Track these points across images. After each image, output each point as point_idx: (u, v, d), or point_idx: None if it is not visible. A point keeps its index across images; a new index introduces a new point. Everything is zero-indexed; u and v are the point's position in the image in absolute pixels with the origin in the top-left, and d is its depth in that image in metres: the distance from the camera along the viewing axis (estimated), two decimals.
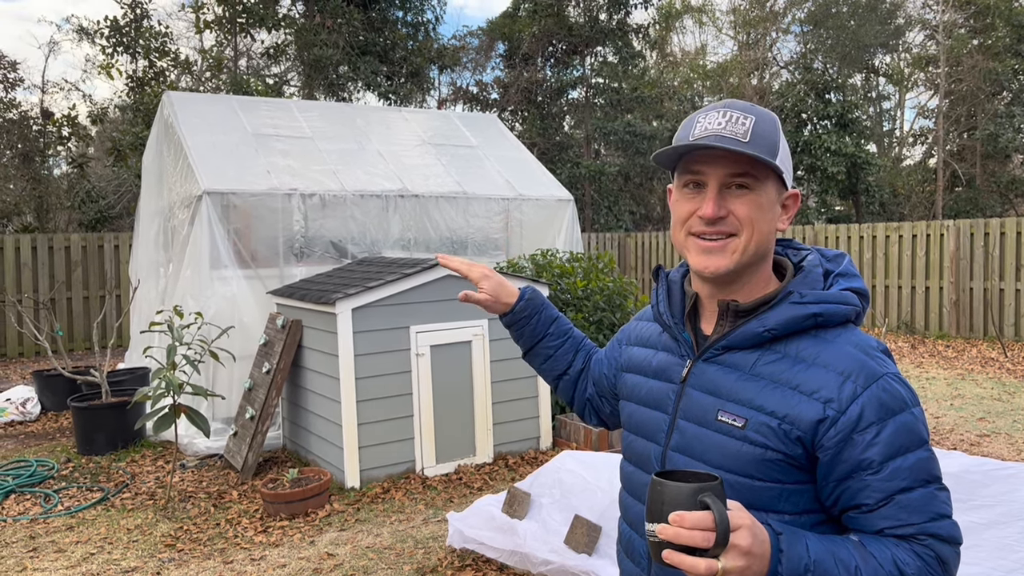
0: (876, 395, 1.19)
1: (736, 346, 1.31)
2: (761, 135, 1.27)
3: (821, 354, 1.25)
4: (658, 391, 1.42)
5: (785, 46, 35.19)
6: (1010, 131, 19.57)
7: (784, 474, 1.24)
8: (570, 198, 8.48)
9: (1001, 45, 20.27)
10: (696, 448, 1.32)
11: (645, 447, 1.44)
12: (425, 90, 18.01)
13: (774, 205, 1.31)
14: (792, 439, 1.22)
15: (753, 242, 1.29)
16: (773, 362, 1.27)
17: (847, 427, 1.19)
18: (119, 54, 14.91)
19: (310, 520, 4.89)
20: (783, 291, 1.30)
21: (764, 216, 1.29)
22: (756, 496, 1.25)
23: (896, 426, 1.19)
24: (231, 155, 7.06)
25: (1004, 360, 9.63)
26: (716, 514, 1.01)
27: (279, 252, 6.82)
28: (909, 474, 1.18)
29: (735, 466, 1.27)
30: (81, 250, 11.74)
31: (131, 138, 13.68)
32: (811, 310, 1.26)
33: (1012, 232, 10.78)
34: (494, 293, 1.77)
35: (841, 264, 1.37)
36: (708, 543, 1.01)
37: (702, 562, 1.02)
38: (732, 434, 1.27)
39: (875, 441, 1.18)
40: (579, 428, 6.07)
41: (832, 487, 1.22)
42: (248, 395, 6.05)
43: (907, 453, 1.19)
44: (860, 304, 1.31)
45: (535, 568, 3.62)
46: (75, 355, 11.21)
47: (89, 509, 5.20)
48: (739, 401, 1.28)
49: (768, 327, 1.28)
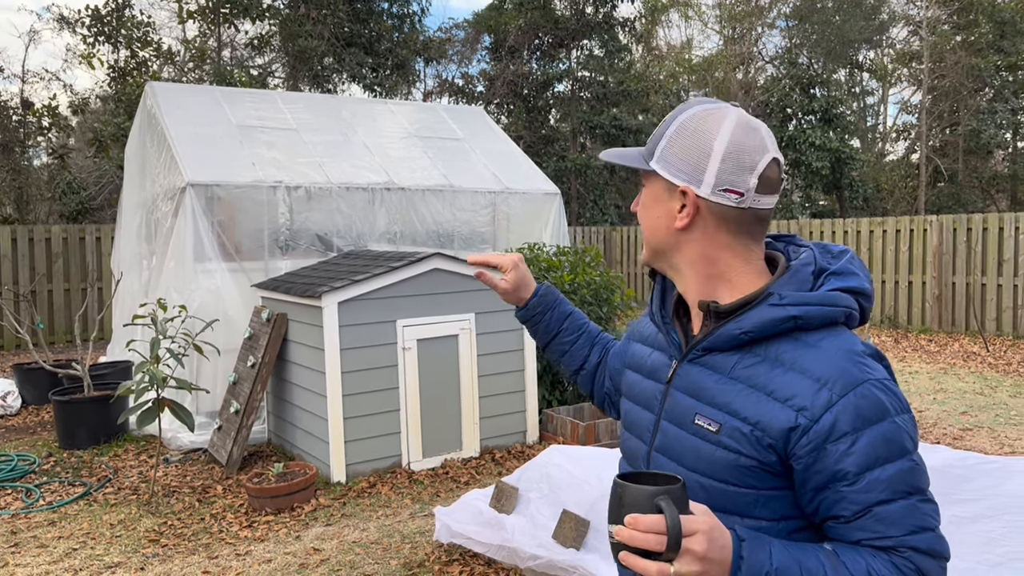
0: (853, 403, 1.15)
1: (716, 348, 1.29)
2: (654, 134, 1.34)
3: (800, 359, 1.21)
4: (649, 390, 1.42)
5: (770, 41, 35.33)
6: (992, 127, 19.72)
7: (759, 480, 1.22)
8: (557, 192, 8.46)
9: (984, 41, 20.42)
10: (675, 450, 1.31)
11: (635, 446, 1.43)
12: (411, 82, 17.92)
13: (661, 202, 1.31)
14: (764, 446, 1.19)
15: (646, 236, 1.36)
16: (751, 365, 1.24)
17: (820, 437, 1.15)
18: (100, 44, 14.72)
19: (296, 515, 4.86)
20: (764, 292, 1.27)
21: (646, 212, 1.35)
22: (731, 501, 1.24)
23: (873, 436, 1.14)
24: (215, 147, 7.00)
25: (986, 354, 9.72)
26: (668, 518, 1.01)
27: (264, 245, 6.77)
28: (887, 486, 1.14)
29: (710, 470, 1.25)
30: (62, 242, 11.60)
31: (113, 129, 13.53)
32: (789, 312, 1.22)
33: (994, 228, 10.87)
34: (515, 284, 1.81)
35: (840, 262, 1.32)
36: (660, 547, 1.01)
37: (654, 566, 1.02)
38: (707, 438, 1.26)
39: (850, 451, 1.14)
40: (566, 422, 6.07)
41: (809, 496, 1.19)
42: (233, 389, 6.00)
43: (885, 464, 1.14)
44: (854, 305, 1.26)
45: (523, 563, 3.62)
46: (56, 348, 11.10)
47: (71, 504, 5.15)
48: (715, 405, 1.26)
49: (744, 329, 1.24)
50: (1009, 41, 19.65)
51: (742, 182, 1.25)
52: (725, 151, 1.25)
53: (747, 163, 1.25)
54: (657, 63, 25.38)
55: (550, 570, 3.52)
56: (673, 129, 1.30)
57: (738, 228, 1.28)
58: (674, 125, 1.30)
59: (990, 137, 19.74)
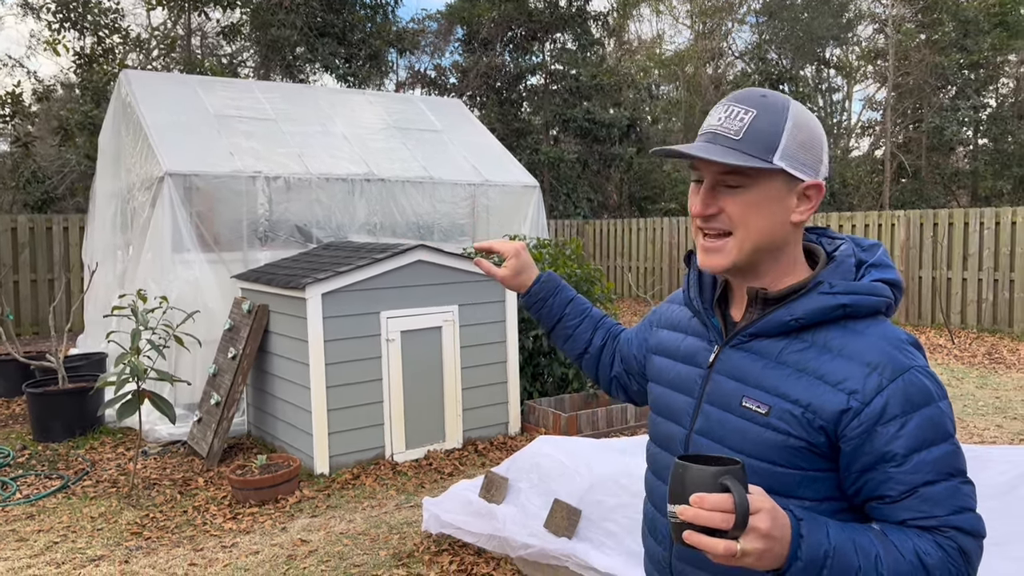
0: (901, 388, 1.20)
1: (764, 333, 1.32)
2: (758, 131, 1.26)
3: (848, 345, 1.25)
4: (685, 375, 1.44)
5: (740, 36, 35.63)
6: (954, 124, 20.09)
7: (806, 461, 1.26)
8: (536, 184, 8.49)
9: (947, 40, 20.77)
10: (719, 432, 1.34)
11: (670, 429, 1.46)
12: (384, 73, 17.79)
13: (777, 200, 1.29)
14: (815, 428, 1.23)
15: (749, 240, 1.30)
16: (800, 351, 1.28)
17: (871, 419, 1.20)
18: (66, 30, 14.42)
19: (280, 507, 4.84)
20: (813, 280, 1.31)
21: (759, 213, 1.29)
22: (777, 481, 1.27)
23: (921, 419, 1.19)
24: (193, 136, 6.91)
25: (951, 347, 9.95)
26: (736, 496, 1.04)
27: (243, 236, 6.71)
28: (933, 467, 1.18)
29: (756, 451, 1.29)
30: (28, 232, 11.37)
31: (79, 117, 13.26)
32: (840, 300, 1.27)
33: (960, 223, 11.12)
34: (515, 271, 1.84)
35: (875, 254, 1.36)
36: (728, 524, 1.04)
37: (721, 543, 1.05)
38: (755, 420, 1.29)
39: (899, 434, 1.19)
40: (548, 413, 6.11)
41: (855, 477, 1.23)
42: (213, 381, 5.95)
43: (931, 447, 1.19)
44: (892, 295, 1.31)
45: (514, 552, 3.65)
46: (23, 340, 10.88)
47: (49, 497, 5.07)
48: (764, 388, 1.29)
49: (796, 316, 1.28)
50: (972, 40, 20.02)
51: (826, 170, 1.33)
52: (824, 143, 1.33)
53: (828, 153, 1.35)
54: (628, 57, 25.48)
55: (542, 559, 3.55)
56: (792, 123, 1.28)
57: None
58: (790, 120, 1.29)
59: (952, 134, 20.12)
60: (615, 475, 3.52)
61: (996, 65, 21.28)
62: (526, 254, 1.86)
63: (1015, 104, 21.69)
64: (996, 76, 21.83)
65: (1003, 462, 3.51)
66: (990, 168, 20.26)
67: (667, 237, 15.05)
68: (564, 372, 6.79)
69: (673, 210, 19.75)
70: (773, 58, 22.50)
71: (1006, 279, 10.63)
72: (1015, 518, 3.10)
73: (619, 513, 3.40)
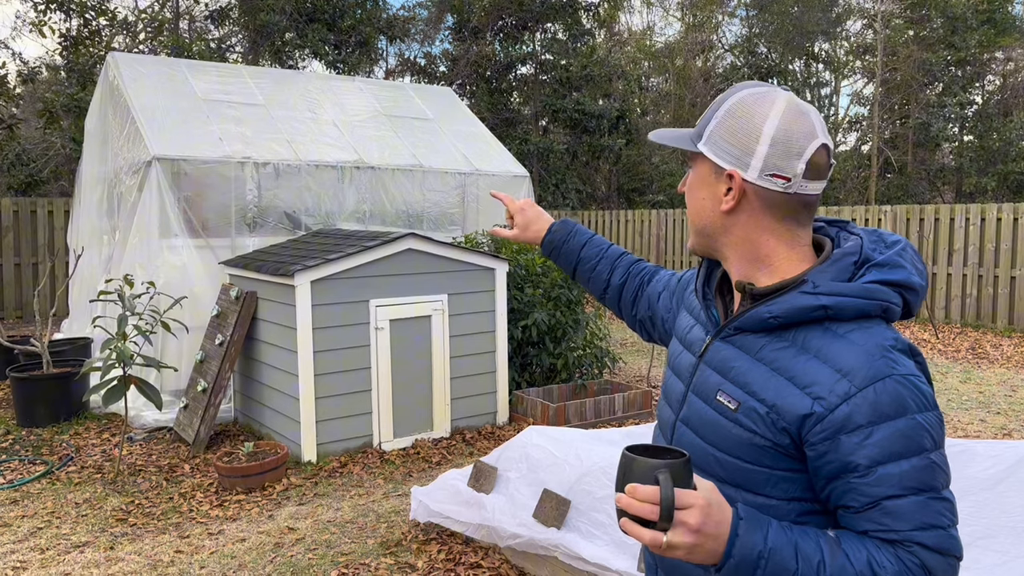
0: (871, 397, 1.15)
1: (746, 328, 1.31)
2: (703, 118, 1.35)
3: (825, 348, 1.21)
4: (684, 362, 1.44)
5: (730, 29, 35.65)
6: (941, 121, 20.21)
7: (772, 460, 1.24)
8: (526, 174, 8.47)
9: (935, 36, 20.88)
10: (696, 423, 1.35)
11: (666, 413, 1.47)
12: (373, 60, 17.69)
13: (706, 186, 1.34)
14: (779, 429, 1.22)
15: (691, 219, 1.38)
16: (778, 349, 1.26)
17: (833, 427, 1.16)
18: (52, 11, 14.23)
19: (267, 494, 4.83)
20: (800, 278, 1.28)
21: (690, 195, 1.38)
22: (744, 477, 1.27)
23: (889, 431, 1.14)
24: (182, 120, 6.85)
25: (936, 342, 10.03)
26: (663, 490, 1.07)
27: (231, 222, 6.67)
28: (898, 481, 1.14)
29: (725, 446, 1.29)
30: (12, 215, 11.25)
31: (65, 100, 13.11)
32: (821, 301, 1.22)
33: (945, 219, 11.19)
34: (523, 227, 1.94)
35: (887, 253, 1.29)
36: (654, 516, 1.07)
37: (648, 533, 1.08)
38: (725, 415, 1.29)
39: (863, 444, 1.14)
40: (536, 403, 6.11)
41: (823, 484, 1.21)
42: (200, 367, 5.92)
43: (900, 460, 1.14)
44: (894, 298, 1.24)
45: (503, 542, 3.65)
46: (6, 324, 10.79)
47: (33, 482, 5.04)
48: (738, 383, 1.29)
49: (773, 314, 1.26)
50: (960, 37, 20.11)
51: (789, 167, 1.25)
52: (774, 136, 1.25)
53: (795, 149, 1.25)
54: (619, 48, 25.44)
55: (530, 549, 3.56)
56: (723, 111, 1.30)
57: (783, 213, 1.29)
58: (724, 108, 1.30)
59: (938, 130, 20.24)
60: (604, 466, 3.53)
61: (983, 62, 21.41)
62: (532, 209, 1.93)
63: (1001, 101, 21.84)
64: (983, 73, 21.97)
65: (987, 457, 3.54)
66: (975, 165, 20.38)
67: (655, 229, 15.07)
68: (552, 363, 6.80)
69: (661, 202, 19.78)
70: (762, 52, 22.54)
71: (990, 275, 10.72)
72: (1000, 512, 3.13)
73: (608, 503, 3.41)
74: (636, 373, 8.38)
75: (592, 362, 7.07)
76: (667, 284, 1.75)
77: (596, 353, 7.10)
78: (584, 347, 7.09)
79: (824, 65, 25.63)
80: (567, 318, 6.82)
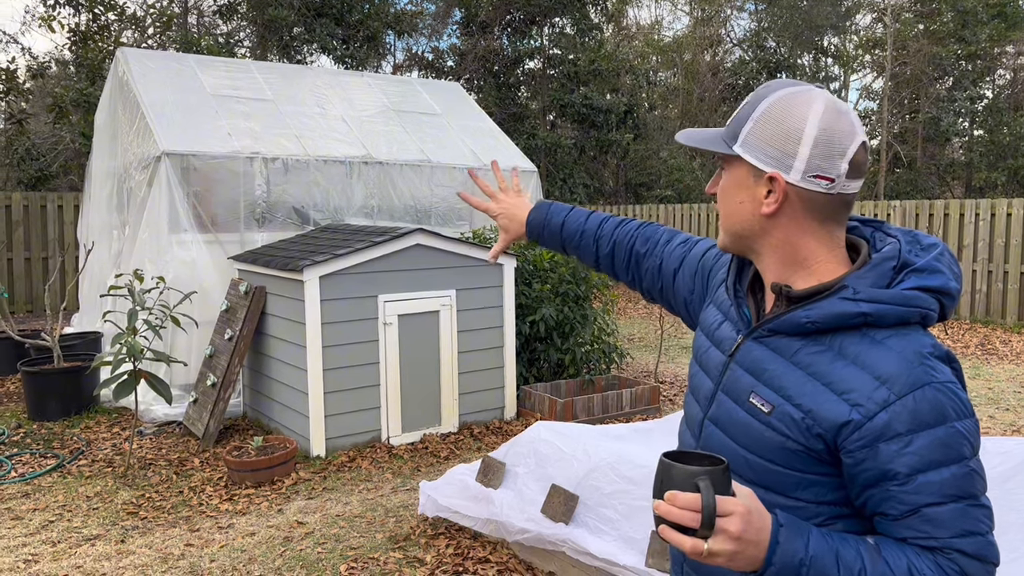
0: (911, 405, 1.14)
1: (782, 331, 1.29)
2: (736, 119, 1.31)
3: (863, 354, 1.20)
4: (713, 359, 1.43)
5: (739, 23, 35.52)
6: (951, 115, 20.10)
7: (804, 464, 1.23)
8: (534, 169, 8.47)
9: (945, 30, 20.75)
10: (725, 423, 1.34)
11: (693, 410, 1.46)
12: (381, 55, 17.69)
13: (743, 188, 1.30)
14: (813, 434, 1.21)
15: (725, 223, 1.35)
16: (815, 353, 1.25)
17: (871, 435, 1.15)
18: (61, 6, 14.27)
19: (276, 488, 4.85)
20: (839, 283, 1.26)
21: (725, 198, 1.34)
22: (775, 480, 1.26)
23: (929, 439, 1.13)
24: (191, 116, 6.87)
25: (945, 338, 10.00)
26: (704, 497, 1.06)
27: (240, 217, 6.69)
28: (938, 489, 1.13)
29: (757, 448, 1.28)
30: (23, 210, 11.31)
31: (74, 95, 13.16)
32: (861, 308, 1.21)
33: (955, 214, 11.14)
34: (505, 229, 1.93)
35: (926, 258, 1.27)
36: (695, 523, 1.06)
37: (688, 541, 1.07)
38: (758, 417, 1.28)
39: (902, 452, 1.14)
40: (543, 398, 6.12)
41: (859, 491, 1.20)
42: (209, 362, 5.95)
43: (940, 468, 1.14)
44: (932, 305, 1.23)
45: (511, 537, 3.67)
46: (17, 318, 10.85)
47: (45, 476, 5.08)
48: (772, 386, 1.27)
49: (812, 319, 1.24)
50: (970, 31, 19.99)
51: (833, 168, 1.23)
52: (816, 136, 1.23)
53: (838, 148, 1.23)
54: (627, 43, 25.38)
55: (539, 544, 3.57)
56: (760, 113, 1.27)
57: (825, 214, 1.27)
58: (760, 108, 1.27)
59: (948, 125, 20.13)
60: (612, 462, 3.54)
61: (993, 56, 21.27)
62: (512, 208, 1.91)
63: (1011, 95, 21.71)
64: (993, 67, 21.83)
65: (997, 454, 3.54)
66: (985, 159, 20.26)
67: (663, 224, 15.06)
68: (560, 358, 6.81)
69: (669, 197, 19.74)
70: (771, 46, 22.45)
71: (1000, 271, 10.67)
72: (1009, 509, 3.13)
73: (616, 499, 3.42)
74: (644, 368, 8.38)
75: (600, 357, 7.08)
76: (685, 260, 1.68)
77: (604, 348, 7.10)
78: (592, 342, 7.10)
79: (833, 59, 25.51)
80: (575, 313, 6.82)
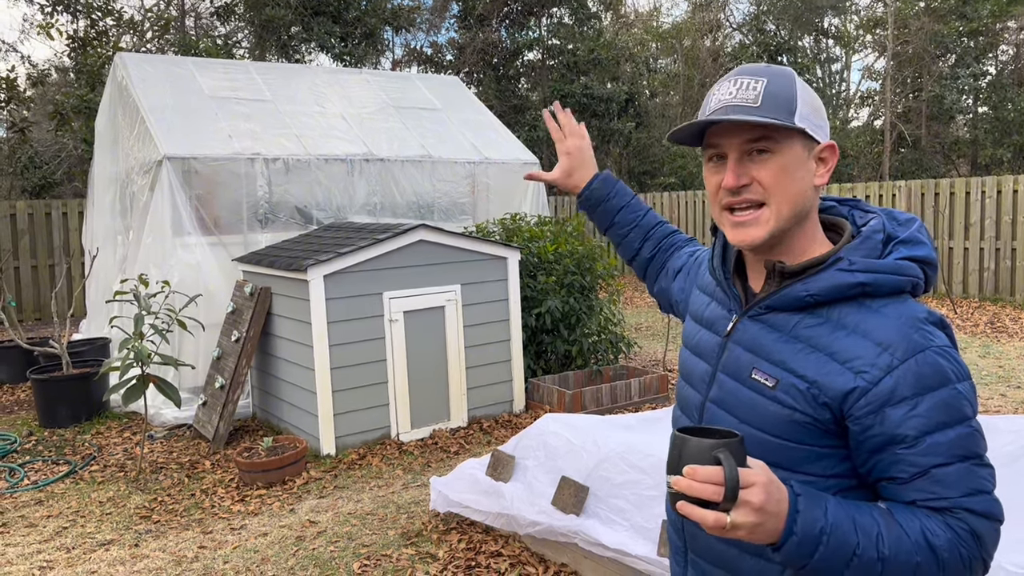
0: (914, 368, 1.17)
1: (779, 307, 1.31)
2: (774, 95, 1.25)
3: (863, 323, 1.22)
4: (706, 341, 1.43)
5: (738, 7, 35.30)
6: (954, 93, 19.95)
7: (812, 437, 1.25)
8: (536, 161, 8.45)
9: (946, 7, 20.58)
10: (730, 402, 1.34)
11: (689, 394, 1.46)
12: (380, 51, 17.66)
13: (803, 163, 1.28)
14: (820, 404, 1.22)
15: (786, 207, 1.27)
16: (814, 326, 1.26)
17: (878, 400, 1.17)
18: (59, 13, 14.28)
19: (288, 488, 4.86)
20: (834, 256, 1.28)
21: (791, 177, 1.27)
22: (783, 456, 1.27)
23: (934, 401, 1.16)
24: (190, 118, 6.87)
25: (953, 317, 9.95)
26: (727, 470, 1.05)
27: (243, 218, 6.69)
28: (946, 449, 1.16)
29: (764, 424, 1.28)
30: (27, 218, 11.34)
31: (75, 101, 13.17)
32: (858, 279, 1.24)
33: (961, 192, 11.08)
34: (567, 172, 1.87)
35: (908, 230, 1.33)
36: (718, 497, 1.05)
37: (711, 514, 1.06)
38: (763, 392, 1.28)
39: (910, 415, 1.16)
40: (552, 391, 6.12)
41: (865, 457, 1.22)
42: (217, 364, 5.96)
43: (946, 429, 1.16)
44: (920, 274, 1.28)
45: (522, 529, 3.67)
46: (25, 326, 10.90)
47: (57, 483, 5.10)
48: (774, 361, 1.28)
49: (811, 292, 1.26)
50: (971, 7, 19.82)
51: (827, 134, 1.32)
52: (819, 107, 1.31)
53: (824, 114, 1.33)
54: (626, 31, 25.26)
55: (550, 536, 3.57)
56: (801, 88, 1.29)
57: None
58: (799, 84, 1.30)
59: (952, 103, 20.00)
60: (622, 452, 3.53)
61: (996, 32, 21.09)
62: (582, 153, 1.86)
63: (1015, 71, 21.53)
64: (996, 43, 21.64)
65: (1008, 432, 3.52)
66: (990, 136, 20.12)
67: (667, 212, 15.02)
68: (567, 349, 6.80)
69: (672, 185, 19.67)
70: (771, 29, 22.32)
71: (1007, 248, 10.61)
72: (1020, 489, 3.11)
73: (627, 489, 3.42)
74: (651, 357, 8.36)
75: (607, 348, 7.07)
76: (685, 263, 1.73)
77: (611, 339, 7.09)
78: (599, 333, 7.08)
79: (834, 40, 25.35)
80: (581, 304, 6.81)
